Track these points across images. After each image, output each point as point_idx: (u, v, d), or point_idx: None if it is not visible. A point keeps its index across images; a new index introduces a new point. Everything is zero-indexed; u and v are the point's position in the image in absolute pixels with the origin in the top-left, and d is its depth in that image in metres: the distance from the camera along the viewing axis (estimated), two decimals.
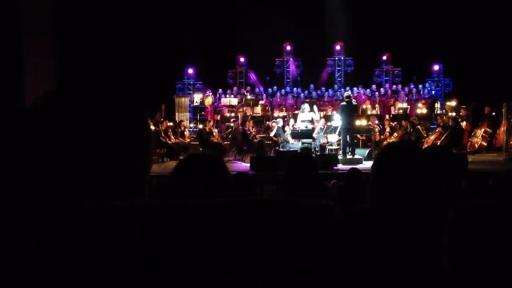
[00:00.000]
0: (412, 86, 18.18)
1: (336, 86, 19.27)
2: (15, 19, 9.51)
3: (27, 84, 9.38)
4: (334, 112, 14.31)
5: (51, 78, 9.95)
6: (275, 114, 16.01)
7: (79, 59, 13.52)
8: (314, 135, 12.87)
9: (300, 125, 13.12)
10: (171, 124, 14.46)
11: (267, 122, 15.09)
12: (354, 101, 12.69)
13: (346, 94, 12.79)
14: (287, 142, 13.34)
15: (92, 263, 0.73)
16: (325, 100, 17.92)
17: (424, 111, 16.39)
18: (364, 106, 16.41)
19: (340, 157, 11.81)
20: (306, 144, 12.39)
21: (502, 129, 13.21)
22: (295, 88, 18.95)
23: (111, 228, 0.74)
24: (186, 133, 14.74)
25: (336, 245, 0.75)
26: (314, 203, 0.77)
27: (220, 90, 18.31)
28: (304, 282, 0.74)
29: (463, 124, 14.33)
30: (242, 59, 19.73)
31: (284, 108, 17.07)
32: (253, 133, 14.00)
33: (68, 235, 0.73)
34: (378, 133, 13.97)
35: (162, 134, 13.18)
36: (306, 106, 13.58)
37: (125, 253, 0.73)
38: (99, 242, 0.74)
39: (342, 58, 19.93)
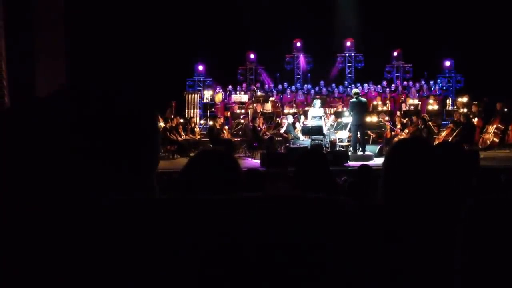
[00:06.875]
0: (423, 82, 18.03)
1: (346, 82, 19.19)
2: (28, 17, 9.59)
3: (38, 83, 9.45)
4: (345, 109, 14.26)
5: (63, 77, 10.02)
6: (285, 111, 15.98)
7: (89, 57, 13.60)
8: (325, 131, 12.84)
9: (311, 121, 13.09)
10: (181, 120, 14.52)
11: (277, 119, 15.08)
12: (363, 98, 12.66)
13: (354, 91, 12.78)
14: (297, 138, 13.32)
15: (101, 260, 0.73)
16: (336, 96, 17.85)
17: (435, 107, 16.29)
18: (374, 103, 16.32)
19: (350, 153, 11.78)
20: (317, 141, 12.36)
21: None
22: (305, 85, 18.89)
23: (122, 223, 0.74)
24: (197, 129, 14.78)
25: (349, 242, 0.75)
26: (328, 198, 0.77)
27: (230, 87, 18.31)
28: (317, 278, 0.74)
29: (475, 120, 14.21)
30: (252, 56, 19.71)
31: (294, 105, 17.02)
32: (263, 129, 14.00)
33: (78, 232, 0.74)
34: (389, 130, 13.90)
35: (173, 131, 13.23)
36: (317, 102, 13.54)
37: (138, 249, 0.74)
38: (111, 238, 0.74)
39: (353, 54, 19.84)
